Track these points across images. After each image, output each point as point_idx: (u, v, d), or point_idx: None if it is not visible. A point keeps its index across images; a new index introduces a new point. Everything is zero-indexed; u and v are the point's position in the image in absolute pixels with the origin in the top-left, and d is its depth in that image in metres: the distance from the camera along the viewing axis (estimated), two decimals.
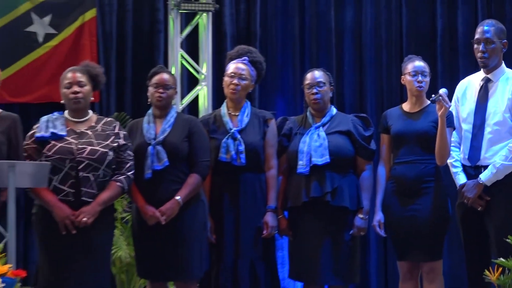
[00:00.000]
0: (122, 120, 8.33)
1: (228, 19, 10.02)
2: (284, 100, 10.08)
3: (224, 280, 6.83)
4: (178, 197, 6.61)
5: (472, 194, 6.54)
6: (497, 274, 5.72)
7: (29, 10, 9.31)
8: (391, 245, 7.22)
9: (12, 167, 5.94)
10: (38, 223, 6.58)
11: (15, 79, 9.19)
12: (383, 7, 10.30)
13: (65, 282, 6.39)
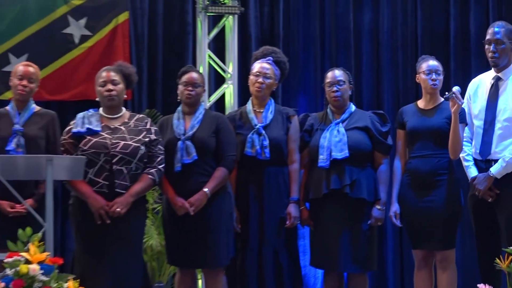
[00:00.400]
0: (153, 116, 8.36)
1: (252, 21, 10.02)
2: (305, 98, 10.08)
3: (249, 267, 6.85)
4: (206, 189, 6.64)
5: (483, 186, 6.53)
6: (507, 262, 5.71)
7: (65, 13, 9.33)
8: (407, 234, 7.22)
9: (50, 161, 5.95)
10: (75, 214, 6.62)
11: (53, 78, 9.22)
12: (399, 10, 10.27)
13: (100, 269, 6.41)
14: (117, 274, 6.45)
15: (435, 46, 10.06)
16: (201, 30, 9.56)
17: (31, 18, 9.27)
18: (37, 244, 5.40)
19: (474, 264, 7.02)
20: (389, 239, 9.92)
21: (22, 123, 6.74)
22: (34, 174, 6.16)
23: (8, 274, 5.27)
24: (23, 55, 8.99)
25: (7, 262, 5.31)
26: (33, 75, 6.86)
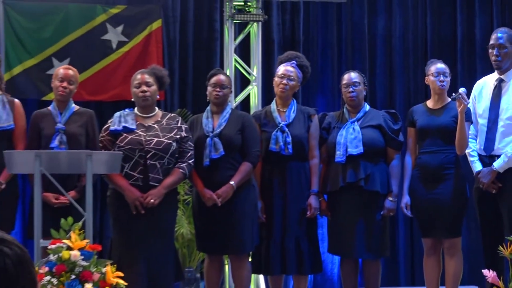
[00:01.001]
0: (184, 115, 8.36)
1: (275, 28, 10.02)
2: (323, 98, 10.07)
3: (272, 254, 6.86)
4: (232, 182, 6.65)
5: (487, 179, 6.52)
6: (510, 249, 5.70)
7: (104, 21, 9.36)
8: (417, 224, 7.21)
9: (90, 156, 5.98)
10: (112, 204, 6.67)
11: (92, 80, 9.25)
12: (410, 17, 10.26)
13: (135, 255, 6.43)
14: (151, 260, 6.49)
15: (443, 50, 10.04)
16: (228, 36, 9.56)
17: (73, 25, 9.31)
18: (78, 232, 5.43)
19: (479, 251, 7.01)
20: (400, 228, 9.91)
21: (64, 122, 6.76)
22: (75, 168, 6.20)
23: (51, 260, 5.31)
24: (65, 59, 9.02)
25: (50, 249, 5.34)
26: (73, 77, 6.88)
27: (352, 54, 10.18)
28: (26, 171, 6.23)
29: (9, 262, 2.57)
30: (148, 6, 9.52)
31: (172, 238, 6.82)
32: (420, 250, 7.60)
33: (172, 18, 9.88)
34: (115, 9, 9.39)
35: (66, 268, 5.28)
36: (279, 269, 6.90)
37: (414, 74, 10.11)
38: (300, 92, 9.45)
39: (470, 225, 8.67)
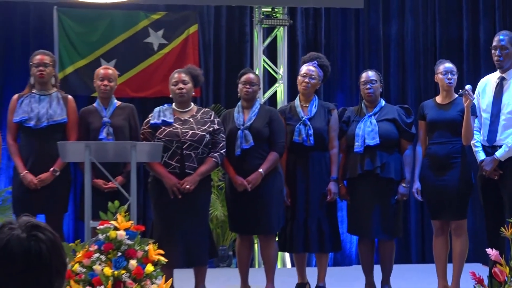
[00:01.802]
0: (218, 110, 8.39)
1: (299, 32, 10.02)
2: (343, 94, 10.06)
3: (296, 234, 6.86)
4: (261, 169, 6.65)
5: (489, 167, 6.49)
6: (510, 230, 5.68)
7: (146, 25, 9.40)
8: (427, 207, 7.19)
9: (134, 147, 6.00)
10: (153, 190, 6.68)
11: (136, 79, 9.30)
12: (421, 22, 10.24)
13: (173, 235, 6.46)
14: (188, 239, 6.50)
15: (450, 51, 10.01)
16: (257, 39, 9.58)
17: (119, 30, 9.36)
18: (123, 214, 5.46)
19: (482, 232, 6.97)
20: (412, 211, 9.90)
21: (109, 116, 6.77)
22: (121, 157, 6.23)
23: (100, 239, 5.33)
24: (112, 60, 9.07)
25: (99, 229, 5.37)
26: (111, 75, 6.88)
27: (368, 55, 10.18)
28: (78, 160, 6.26)
29: (43, 247, 2.56)
30: (185, 12, 9.55)
31: (206, 219, 6.82)
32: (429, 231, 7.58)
33: (207, 23, 9.92)
34: (156, 15, 9.43)
35: (113, 246, 5.30)
36: (302, 247, 6.90)
37: (425, 73, 10.10)
38: (322, 89, 9.47)
39: (474, 209, 8.63)
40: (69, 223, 9.22)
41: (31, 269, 2.56)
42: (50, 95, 6.77)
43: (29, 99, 6.75)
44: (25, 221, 2.61)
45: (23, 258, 2.55)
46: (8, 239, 2.57)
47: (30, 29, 9.67)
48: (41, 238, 2.59)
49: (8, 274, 2.55)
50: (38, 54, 6.83)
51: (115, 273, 5.20)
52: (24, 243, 2.55)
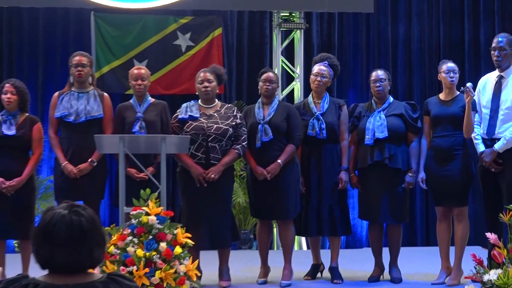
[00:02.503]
0: (240, 106, 8.38)
1: (315, 34, 10.00)
2: (354, 92, 10.04)
3: (311, 219, 6.87)
4: (279, 160, 6.66)
5: (489, 158, 6.45)
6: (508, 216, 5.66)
7: (175, 29, 9.41)
8: (431, 195, 7.18)
9: (164, 139, 6.02)
10: (181, 179, 6.71)
11: (165, 78, 9.31)
12: (426, 25, 10.19)
13: (199, 220, 6.50)
14: (213, 224, 6.54)
15: (453, 52, 9.97)
16: (276, 41, 9.57)
17: (150, 33, 9.37)
18: (154, 201, 5.48)
19: (482, 217, 6.95)
20: (417, 199, 9.87)
21: (143, 111, 6.79)
22: (152, 149, 6.24)
23: (133, 223, 5.36)
24: (144, 60, 9.09)
25: (132, 214, 5.39)
26: (144, 74, 6.89)
27: (378, 55, 10.15)
28: (113, 151, 6.28)
29: (83, 220, 2.65)
30: (211, 17, 9.55)
31: (229, 205, 6.85)
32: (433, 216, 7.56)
33: (230, 26, 9.92)
34: (184, 20, 9.43)
35: (144, 230, 5.33)
36: (316, 231, 6.90)
37: (429, 72, 10.06)
38: (335, 86, 9.46)
39: (475, 196, 8.59)
40: (105, 209, 9.27)
41: (73, 239, 2.64)
42: (87, 92, 6.80)
43: (69, 97, 6.77)
44: (67, 203, 2.72)
45: (66, 230, 2.64)
46: (52, 216, 2.67)
47: (70, 33, 9.73)
48: (81, 213, 2.69)
49: (55, 246, 2.63)
50: (77, 55, 6.86)
51: (147, 255, 5.22)
52: (66, 217, 2.65)
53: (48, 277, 2.67)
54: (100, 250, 2.72)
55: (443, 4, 10.25)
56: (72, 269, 2.66)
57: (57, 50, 9.68)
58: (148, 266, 5.21)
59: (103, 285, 2.68)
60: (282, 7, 9.38)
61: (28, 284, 2.64)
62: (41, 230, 2.67)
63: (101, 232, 2.73)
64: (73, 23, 9.71)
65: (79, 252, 2.65)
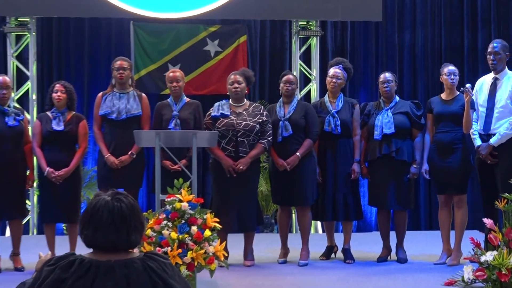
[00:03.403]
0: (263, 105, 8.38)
1: (329, 41, 9.98)
2: (365, 92, 10.00)
3: (327, 206, 6.85)
4: (298, 153, 6.66)
5: (485, 152, 6.43)
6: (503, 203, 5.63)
7: (205, 36, 9.41)
8: (433, 184, 7.14)
9: (195, 135, 6.03)
10: (213, 169, 6.74)
11: (197, 80, 9.32)
12: (429, 32, 10.14)
13: (229, 206, 6.53)
14: (240, 209, 6.57)
15: (453, 56, 9.91)
16: (295, 47, 9.55)
17: (182, 40, 9.39)
18: (186, 189, 5.49)
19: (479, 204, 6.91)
20: (421, 188, 9.84)
21: (178, 110, 6.80)
22: (185, 143, 6.26)
23: (167, 209, 5.37)
24: (177, 64, 9.10)
25: (167, 201, 5.41)
26: (179, 77, 6.91)
27: (386, 59, 10.12)
28: (150, 145, 6.30)
29: (123, 206, 2.70)
30: (236, 25, 9.55)
31: (255, 194, 6.86)
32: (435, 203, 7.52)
33: (254, 34, 9.93)
34: (213, 28, 9.44)
35: (178, 215, 5.34)
36: (330, 216, 6.89)
37: (432, 74, 10.02)
38: (348, 87, 9.43)
39: (473, 185, 8.54)
40: (143, 196, 9.30)
41: (113, 223, 2.69)
42: (128, 93, 6.83)
43: (111, 96, 6.81)
44: (111, 191, 2.78)
45: (107, 215, 2.69)
46: (97, 201, 2.73)
47: (112, 40, 9.78)
48: (122, 200, 2.74)
49: (97, 227, 2.69)
50: (118, 60, 6.89)
51: (180, 237, 5.24)
52: (109, 203, 2.71)
53: (93, 255, 2.72)
54: (137, 234, 2.75)
55: (445, 13, 10.20)
56: (112, 249, 2.71)
57: (101, 55, 9.74)
58: (181, 247, 5.23)
59: (141, 261, 2.71)
60: (300, 16, 9.36)
61: (75, 260, 2.68)
62: (87, 213, 2.73)
63: (139, 218, 2.77)
64: (114, 31, 9.76)
65: (118, 235, 2.69)
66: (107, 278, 2.65)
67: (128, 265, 2.69)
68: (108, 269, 2.66)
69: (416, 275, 6.27)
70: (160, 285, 2.68)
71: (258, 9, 9.11)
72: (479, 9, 10.19)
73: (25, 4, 8.80)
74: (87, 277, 2.64)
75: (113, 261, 2.68)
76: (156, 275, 2.69)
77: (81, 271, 2.65)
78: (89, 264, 2.67)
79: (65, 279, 2.63)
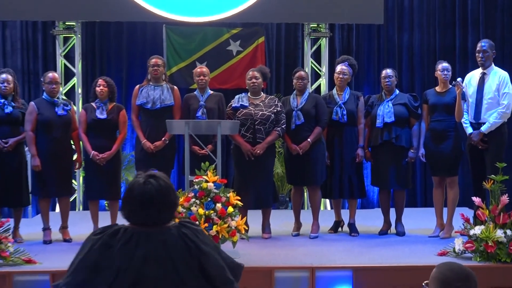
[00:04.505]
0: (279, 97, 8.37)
1: (337, 41, 9.92)
2: (368, 86, 9.94)
3: (334, 185, 6.83)
4: (309, 139, 6.64)
5: (476, 138, 6.39)
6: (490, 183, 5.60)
7: (228, 38, 9.39)
8: (428, 167, 7.09)
9: (219, 123, 6.04)
10: (234, 153, 6.73)
11: (220, 76, 9.31)
12: (425, 33, 10.07)
13: (248, 185, 6.52)
14: (258, 188, 6.57)
15: (446, 54, 9.84)
16: (307, 47, 9.52)
17: (208, 41, 9.39)
18: (212, 171, 5.49)
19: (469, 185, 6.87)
20: (418, 170, 9.79)
21: (204, 100, 6.81)
22: (211, 131, 6.26)
23: (195, 188, 5.38)
24: (204, 62, 9.08)
25: (195, 181, 5.42)
26: (205, 72, 6.90)
27: (387, 57, 10.06)
28: (180, 133, 6.30)
29: (153, 188, 2.72)
30: (255, 28, 9.52)
31: (271, 174, 6.84)
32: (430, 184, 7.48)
33: (271, 35, 9.90)
34: (235, 30, 9.42)
35: (204, 194, 5.35)
36: (338, 194, 6.88)
37: (428, 70, 9.97)
38: (353, 82, 9.37)
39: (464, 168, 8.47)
40: (174, 177, 9.32)
41: (145, 204, 2.71)
42: (161, 86, 6.83)
43: (147, 89, 6.82)
44: (147, 173, 2.81)
45: (140, 197, 2.72)
46: (133, 183, 2.77)
47: (147, 40, 9.79)
48: (153, 183, 2.74)
49: (132, 207, 2.73)
50: (153, 58, 6.90)
51: (206, 213, 5.25)
52: (141, 186, 2.73)
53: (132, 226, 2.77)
54: (166, 212, 2.77)
55: (439, 17, 10.12)
56: (145, 224, 2.75)
57: (137, 54, 9.75)
58: (207, 221, 5.25)
59: (176, 228, 2.77)
60: (311, 20, 9.31)
61: (120, 229, 2.75)
62: (126, 193, 2.77)
63: (169, 198, 2.78)
64: (149, 33, 9.77)
65: (148, 213, 2.72)
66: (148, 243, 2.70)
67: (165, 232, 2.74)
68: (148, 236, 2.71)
69: (413, 246, 6.24)
70: (193, 248, 2.72)
71: (274, 14, 9.08)
72: (469, 13, 10.13)
73: (71, 10, 8.85)
74: (130, 243, 2.69)
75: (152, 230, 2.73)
76: (189, 240, 2.74)
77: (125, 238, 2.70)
78: (132, 232, 2.72)
79: (112, 245, 2.69)
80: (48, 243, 6.46)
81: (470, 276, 2.65)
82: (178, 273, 2.67)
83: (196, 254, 2.71)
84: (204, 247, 2.74)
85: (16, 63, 9.61)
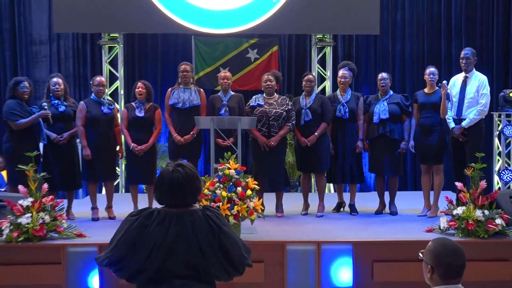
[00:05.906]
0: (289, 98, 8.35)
1: (339, 49, 9.88)
2: (367, 88, 9.90)
3: (337, 172, 6.80)
4: (316, 133, 6.60)
5: (458, 132, 6.34)
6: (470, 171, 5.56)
7: (247, 47, 9.36)
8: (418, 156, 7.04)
9: (239, 119, 6.02)
10: (252, 145, 6.69)
11: (240, 79, 9.28)
12: (415, 42, 10.00)
13: (264, 172, 6.51)
14: (272, 174, 6.56)
15: (433, 60, 9.76)
16: (314, 54, 9.47)
17: (230, 49, 9.36)
18: (233, 160, 5.50)
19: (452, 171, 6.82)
20: (408, 159, 9.74)
21: (227, 100, 6.80)
22: (232, 126, 6.25)
23: (219, 174, 5.39)
24: (226, 67, 9.07)
25: (219, 169, 5.42)
26: (228, 76, 6.89)
27: (382, 62, 10.01)
28: (206, 127, 6.29)
29: (180, 176, 2.73)
30: (270, 38, 9.49)
31: (283, 162, 6.80)
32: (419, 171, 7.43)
33: (283, 45, 9.87)
34: (252, 40, 9.39)
35: (227, 179, 5.35)
36: (340, 180, 6.85)
37: (417, 74, 9.92)
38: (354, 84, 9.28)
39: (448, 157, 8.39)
40: (201, 165, 9.34)
41: (172, 190, 2.73)
42: (190, 88, 6.83)
43: (178, 91, 6.82)
44: (176, 162, 2.81)
45: (168, 182, 2.74)
46: (164, 171, 2.78)
47: (178, 49, 9.81)
48: (180, 171, 2.76)
49: (162, 191, 2.76)
50: (183, 64, 6.89)
51: (228, 195, 5.26)
52: (170, 174, 2.75)
53: (164, 208, 2.78)
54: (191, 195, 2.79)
55: (427, 28, 10.06)
56: (174, 206, 2.76)
57: (170, 61, 9.77)
58: (229, 202, 5.25)
59: (201, 211, 2.79)
60: (318, 31, 9.26)
61: (154, 211, 2.76)
62: (157, 180, 2.80)
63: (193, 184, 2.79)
64: (180, 43, 9.79)
65: (176, 196, 2.74)
66: (179, 223, 2.71)
67: (192, 214, 2.75)
68: (179, 217, 2.73)
69: (404, 224, 6.22)
70: (215, 228, 2.75)
71: (286, 26, 9.05)
72: (453, 25, 10.06)
73: (115, 24, 8.90)
74: (164, 223, 2.70)
75: (182, 211, 2.74)
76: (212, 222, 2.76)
77: (159, 219, 2.71)
78: (165, 214, 2.73)
79: (148, 224, 2.70)
80: (96, 220, 6.51)
81: (460, 252, 2.63)
82: (201, 249, 2.69)
83: (217, 234, 2.73)
84: (225, 228, 2.77)
85: (68, 69, 9.75)
